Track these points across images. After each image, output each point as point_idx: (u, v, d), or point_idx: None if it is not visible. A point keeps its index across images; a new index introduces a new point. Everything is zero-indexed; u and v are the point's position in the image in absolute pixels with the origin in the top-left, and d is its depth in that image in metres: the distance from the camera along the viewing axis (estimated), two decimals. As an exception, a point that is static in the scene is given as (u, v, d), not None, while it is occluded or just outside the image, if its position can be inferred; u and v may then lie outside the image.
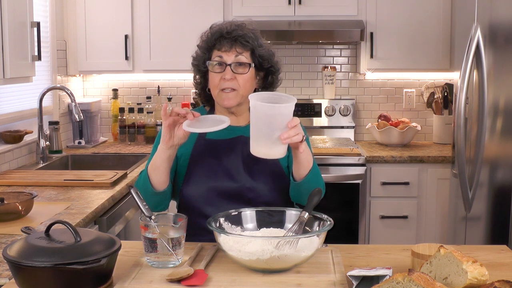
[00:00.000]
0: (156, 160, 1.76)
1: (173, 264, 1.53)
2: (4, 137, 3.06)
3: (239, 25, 1.89)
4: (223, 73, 1.84)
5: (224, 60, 1.85)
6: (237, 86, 1.85)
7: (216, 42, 1.87)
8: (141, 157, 3.48)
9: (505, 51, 2.70)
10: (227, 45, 1.85)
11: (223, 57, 1.85)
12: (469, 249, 1.73)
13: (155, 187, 1.78)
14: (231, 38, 1.85)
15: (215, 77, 1.86)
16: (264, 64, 1.91)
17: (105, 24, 3.80)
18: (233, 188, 1.84)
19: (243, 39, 1.86)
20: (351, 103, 4.08)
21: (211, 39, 1.88)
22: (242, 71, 1.86)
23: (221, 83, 1.85)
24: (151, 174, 1.78)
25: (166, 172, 1.77)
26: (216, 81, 1.86)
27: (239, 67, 1.85)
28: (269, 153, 1.60)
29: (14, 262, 1.32)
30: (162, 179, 1.77)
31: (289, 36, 3.75)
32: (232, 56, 1.85)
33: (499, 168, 2.79)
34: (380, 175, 3.52)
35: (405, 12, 3.75)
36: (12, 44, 2.49)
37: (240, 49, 1.86)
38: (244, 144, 1.87)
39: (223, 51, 1.85)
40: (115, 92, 4.13)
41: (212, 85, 1.88)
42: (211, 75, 1.88)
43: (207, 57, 1.90)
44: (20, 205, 2.10)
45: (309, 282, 1.42)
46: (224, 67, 1.85)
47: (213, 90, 1.89)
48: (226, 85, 1.84)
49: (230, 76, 1.84)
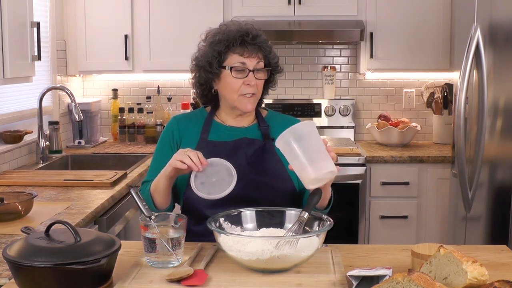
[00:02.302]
0: (159, 187, 1.77)
1: (173, 264, 1.53)
2: (4, 137, 3.06)
3: (256, 29, 1.88)
4: (246, 79, 1.84)
5: (247, 66, 1.84)
6: (256, 90, 1.87)
7: (237, 46, 1.84)
8: (141, 157, 3.47)
9: (505, 51, 2.70)
10: (252, 51, 1.84)
11: (246, 63, 1.84)
12: (469, 249, 1.73)
13: (158, 206, 1.82)
14: (255, 45, 1.85)
15: (236, 82, 1.85)
16: (278, 69, 1.95)
17: (105, 24, 3.80)
18: (238, 190, 1.81)
19: (266, 45, 1.88)
20: (351, 103, 4.08)
21: (231, 42, 1.84)
22: (262, 76, 1.88)
23: (242, 88, 1.85)
24: (154, 195, 1.80)
25: (169, 194, 1.80)
26: (237, 86, 1.85)
27: (259, 72, 1.87)
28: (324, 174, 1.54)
29: (14, 262, 1.32)
30: (164, 200, 1.81)
31: (289, 36, 3.75)
32: (254, 61, 1.85)
33: (499, 168, 2.80)
34: (380, 175, 3.52)
35: (405, 12, 3.75)
36: (12, 44, 2.49)
37: (261, 55, 1.87)
38: (247, 146, 1.86)
39: (245, 56, 1.84)
40: (115, 92, 4.13)
41: (231, 89, 1.86)
42: (231, 80, 1.85)
43: (222, 59, 1.86)
44: (20, 205, 2.10)
45: (309, 282, 1.42)
46: (247, 72, 1.84)
47: (231, 94, 1.87)
48: (249, 90, 1.85)
49: (255, 82, 1.85)
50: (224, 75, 1.86)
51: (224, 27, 1.89)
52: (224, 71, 1.86)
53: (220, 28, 1.90)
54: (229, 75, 1.85)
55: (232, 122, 1.96)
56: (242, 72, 1.84)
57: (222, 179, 1.67)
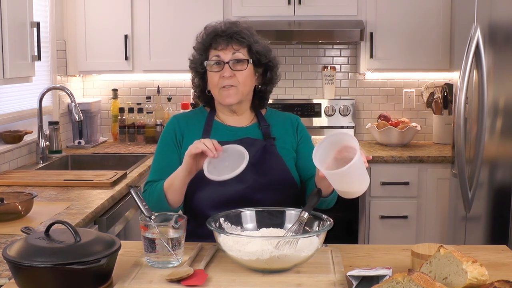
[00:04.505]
0: (175, 183, 1.75)
1: (173, 264, 1.53)
2: (4, 137, 3.06)
3: (233, 23, 1.89)
4: (221, 72, 1.85)
5: (222, 58, 1.85)
6: (236, 83, 1.85)
7: (212, 41, 1.87)
8: (141, 157, 3.47)
9: (505, 51, 2.70)
10: (223, 43, 1.85)
11: (220, 56, 1.85)
12: (469, 249, 1.73)
13: (172, 205, 1.80)
14: (226, 36, 1.85)
15: (214, 76, 1.86)
16: (261, 60, 1.91)
17: (105, 24, 3.80)
18: (240, 190, 1.82)
19: (239, 36, 1.86)
20: (351, 103, 4.08)
21: (206, 39, 1.88)
22: (240, 67, 1.86)
23: (220, 81, 1.85)
24: (169, 194, 1.78)
25: (184, 191, 1.79)
26: (215, 80, 1.86)
27: (237, 64, 1.86)
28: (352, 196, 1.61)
29: (14, 262, 1.32)
30: (179, 198, 1.80)
31: (289, 36, 3.75)
32: (229, 53, 1.85)
33: (499, 168, 2.80)
34: (380, 175, 3.52)
35: (405, 12, 3.75)
36: (12, 44, 2.49)
37: (237, 46, 1.86)
38: (249, 146, 1.85)
39: (219, 49, 1.85)
40: (115, 92, 4.13)
41: (212, 85, 1.88)
42: (210, 75, 1.87)
43: (204, 58, 1.89)
44: (20, 205, 2.10)
45: (309, 282, 1.42)
46: (223, 65, 1.85)
47: (213, 90, 1.89)
48: (225, 82, 1.84)
49: (229, 73, 1.84)
50: (208, 73, 1.89)
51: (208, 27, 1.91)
52: (207, 69, 1.88)
53: (205, 29, 1.92)
54: (209, 72, 1.87)
55: (231, 121, 1.96)
56: (219, 66, 1.86)
57: (234, 163, 1.65)
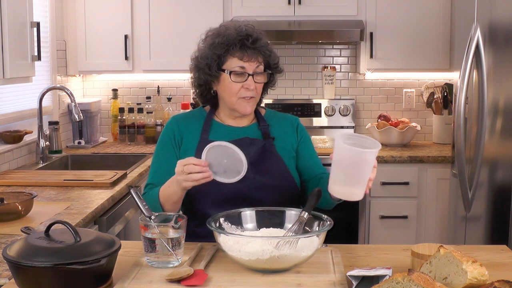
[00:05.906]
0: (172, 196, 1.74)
1: (173, 264, 1.53)
2: (4, 137, 3.06)
3: (257, 32, 1.85)
4: (245, 83, 1.83)
5: (247, 70, 1.83)
6: (255, 94, 1.86)
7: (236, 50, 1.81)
8: (140, 157, 3.47)
9: (505, 51, 2.70)
10: (252, 55, 1.82)
11: (245, 67, 1.82)
12: (469, 249, 1.73)
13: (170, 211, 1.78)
14: (255, 49, 1.83)
15: (235, 86, 1.83)
16: (275, 71, 1.92)
17: (105, 24, 3.80)
18: (240, 190, 1.81)
19: (266, 49, 1.85)
20: (351, 103, 4.08)
21: (230, 45, 1.82)
22: (261, 80, 1.86)
23: (241, 91, 1.83)
24: (166, 206, 1.77)
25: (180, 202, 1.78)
26: (236, 89, 1.83)
27: (259, 76, 1.85)
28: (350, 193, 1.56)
29: (14, 262, 1.32)
30: (177, 207, 1.80)
31: (289, 36, 3.75)
32: (254, 66, 1.83)
33: (499, 168, 2.80)
34: (380, 175, 3.52)
35: (405, 12, 3.75)
36: (12, 44, 2.49)
37: (261, 59, 1.85)
38: (249, 146, 1.85)
39: (245, 61, 1.82)
40: (115, 92, 4.13)
41: (230, 92, 1.85)
42: (230, 83, 1.83)
43: (221, 62, 1.84)
44: (20, 205, 2.10)
45: (309, 282, 1.42)
46: (246, 76, 1.83)
47: (229, 97, 1.86)
48: (248, 94, 1.84)
49: (254, 86, 1.83)
50: (223, 78, 1.85)
51: (223, 28, 1.86)
52: (223, 74, 1.84)
53: (220, 29, 1.87)
54: (228, 79, 1.83)
55: (231, 122, 1.95)
56: (242, 76, 1.83)
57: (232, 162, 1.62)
